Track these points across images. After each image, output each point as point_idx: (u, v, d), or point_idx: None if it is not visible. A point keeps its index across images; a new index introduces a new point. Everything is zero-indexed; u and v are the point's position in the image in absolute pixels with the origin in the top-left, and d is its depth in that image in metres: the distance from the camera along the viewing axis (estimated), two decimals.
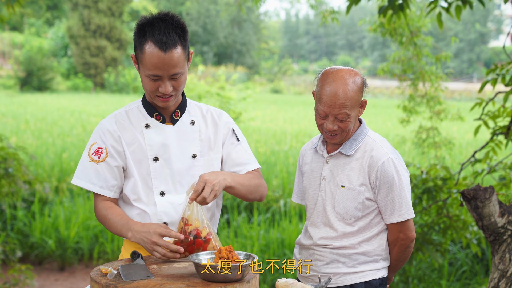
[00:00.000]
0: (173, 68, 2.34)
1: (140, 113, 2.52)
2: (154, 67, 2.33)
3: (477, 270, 6.03)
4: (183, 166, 2.49)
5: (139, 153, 2.48)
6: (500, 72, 4.21)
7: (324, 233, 2.57)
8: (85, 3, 33.71)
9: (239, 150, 2.58)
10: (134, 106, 2.56)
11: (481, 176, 4.72)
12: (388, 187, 2.49)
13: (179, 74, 2.37)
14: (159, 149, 2.48)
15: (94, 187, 2.47)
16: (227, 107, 15.05)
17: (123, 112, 2.55)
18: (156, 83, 2.37)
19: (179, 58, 2.34)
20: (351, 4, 4.48)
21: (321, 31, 60.90)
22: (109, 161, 2.46)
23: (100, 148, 2.47)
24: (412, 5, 5.97)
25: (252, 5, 6.44)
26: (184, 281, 2.11)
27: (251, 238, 6.49)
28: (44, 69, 29.83)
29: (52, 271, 6.77)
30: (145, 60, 2.34)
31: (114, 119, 2.52)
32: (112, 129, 2.49)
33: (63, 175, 8.57)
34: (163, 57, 2.31)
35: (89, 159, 2.47)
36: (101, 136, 2.49)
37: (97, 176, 2.46)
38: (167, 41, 2.31)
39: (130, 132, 2.49)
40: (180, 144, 2.50)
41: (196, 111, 2.59)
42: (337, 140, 2.52)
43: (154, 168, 2.47)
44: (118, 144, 2.48)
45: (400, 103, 8.98)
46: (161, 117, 2.51)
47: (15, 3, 5.53)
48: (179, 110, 2.53)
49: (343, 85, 2.43)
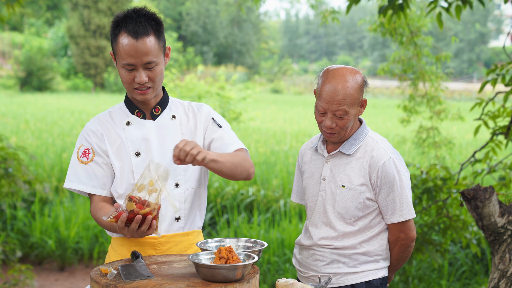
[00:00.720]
0: (146, 55, 2.37)
1: (122, 112, 2.57)
2: (127, 55, 2.37)
3: (477, 270, 6.03)
4: (164, 161, 2.51)
5: (121, 150, 2.51)
6: (500, 72, 4.21)
7: (324, 233, 2.57)
8: (85, 3, 33.72)
9: (221, 134, 2.58)
10: (117, 107, 2.60)
11: (481, 176, 4.72)
12: (389, 187, 2.49)
13: (153, 63, 2.40)
14: (140, 144, 2.51)
15: (86, 188, 2.49)
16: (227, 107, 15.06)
17: (106, 113, 2.59)
18: (132, 74, 2.41)
19: (152, 46, 2.38)
20: (351, 4, 4.48)
21: (321, 31, 60.90)
22: (97, 160, 2.50)
23: (86, 149, 2.52)
24: (412, 5, 5.97)
25: (252, 5, 6.44)
26: (184, 281, 2.11)
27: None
28: (44, 69, 29.84)
29: (52, 271, 6.77)
30: (119, 50, 2.39)
31: (97, 120, 2.57)
32: (95, 129, 2.53)
33: (63, 175, 8.57)
34: (135, 44, 2.36)
35: (79, 162, 2.51)
36: (86, 138, 2.54)
37: (88, 177, 2.49)
38: (138, 29, 2.37)
39: (113, 130, 2.53)
40: (161, 138, 2.53)
41: (178, 107, 2.62)
42: (336, 138, 2.52)
43: (136, 163, 2.50)
44: (102, 142, 2.52)
45: (400, 103, 8.98)
46: (141, 114, 2.54)
47: (15, 3, 5.53)
48: (159, 106, 2.56)
49: (343, 81, 2.44)
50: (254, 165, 2.60)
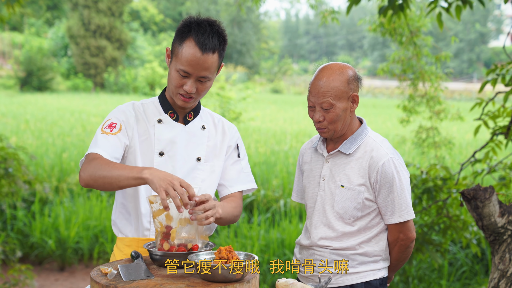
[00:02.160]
0: (204, 70, 2.39)
1: (155, 108, 2.56)
2: (187, 63, 2.37)
3: (477, 270, 6.03)
4: (186, 166, 2.52)
5: (147, 145, 2.50)
6: (500, 72, 4.21)
7: (323, 233, 2.57)
8: (85, 3, 33.73)
9: (236, 167, 2.63)
10: (149, 101, 2.59)
11: (481, 176, 4.72)
12: (388, 187, 2.49)
13: (206, 78, 2.42)
14: (167, 145, 2.51)
15: (99, 150, 2.38)
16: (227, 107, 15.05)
17: (139, 104, 2.58)
18: (183, 80, 2.41)
19: (212, 63, 2.40)
20: (351, 4, 4.48)
21: (321, 31, 60.90)
22: (120, 136, 2.46)
23: (114, 123, 2.48)
24: (412, 5, 5.97)
25: (252, 5, 6.45)
26: (184, 281, 2.11)
27: (251, 238, 6.49)
28: (44, 69, 29.85)
29: (52, 271, 6.77)
30: (181, 55, 2.38)
31: (132, 106, 2.56)
32: (129, 113, 2.52)
33: (63, 175, 8.57)
34: (199, 57, 2.36)
35: (101, 132, 2.46)
36: (117, 115, 2.51)
37: (105, 144, 2.42)
38: (208, 43, 2.37)
39: (143, 123, 2.52)
40: (188, 144, 2.53)
41: (208, 118, 2.63)
42: (327, 134, 2.53)
43: (158, 162, 2.49)
44: (130, 129, 2.50)
45: (400, 103, 8.98)
46: (175, 115, 2.54)
47: (15, 3, 5.53)
48: (192, 112, 2.57)
49: (328, 74, 2.47)
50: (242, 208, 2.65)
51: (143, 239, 2.51)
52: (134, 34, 37.78)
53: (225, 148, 2.61)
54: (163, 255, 2.24)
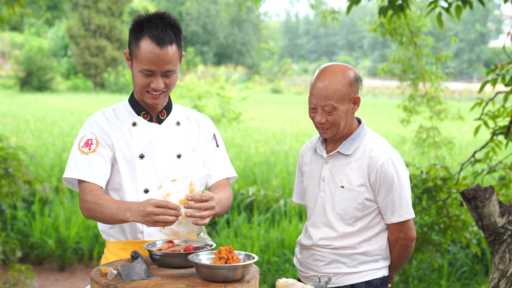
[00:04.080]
0: (167, 64, 2.39)
1: (127, 112, 2.55)
2: (149, 62, 2.37)
3: (477, 270, 6.03)
4: (168, 165, 2.52)
5: (125, 150, 2.50)
6: (500, 72, 4.21)
7: (324, 233, 2.57)
8: (85, 3, 33.72)
9: (217, 156, 2.64)
10: (120, 105, 2.58)
11: (481, 176, 4.72)
12: (387, 187, 2.49)
13: (171, 71, 2.42)
14: (146, 146, 2.50)
15: (85, 176, 2.40)
16: (227, 107, 15.06)
17: (110, 110, 2.57)
18: (149, 79, 2.41)
19: (173, 55, 2.39)
20: (352, 4, 4.48)
21: (321, 31, 60.89)
22: (100, 151, 2.45)
23: (89, 139, 2.47)
24: (412, 5, 5.97)
25: (252, 5, 6.44)
26: (184, 281, 2.11)
27: (251, 238, 6.49)
28: (44, 69, 29.84)
29: (52, 271, 6.77)
30: (140, 55, 2.38)
31: (102, 114, 2.54)
32: (101, 122, 2.50)
33: (63, 175, 8.57)
34: (159, 53, 2.36)
35: (80, 153, 2.44)
36: (90, 129, 2.49)
37: (89, 166, 2.41)
38: (164, 37, 2.36)
39: (118, 129, 2.51)
40: (166, 143, 2.53)
41: (181, 113, 2.63)
42: (329, 135, 2.53)
43: (140, 165, 2.49)
44: (107, 137, 2.49)
45: (400, 103, 8.98)
46: (148, 116, 2.54)
47: (15, 3, 5.53)
48: (165, 110, 2.57)
49: (330, 77, 2.46)
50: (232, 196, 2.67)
51: (138, 242, 2.50)
52: None
53: (203, 140, 2.62)
54: (163, 255, 2.24)
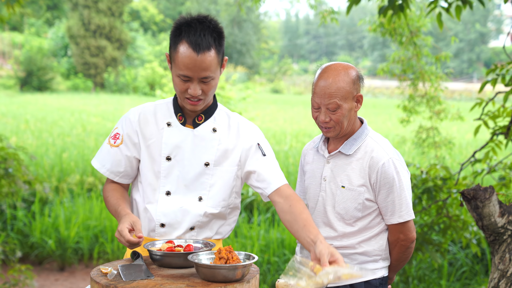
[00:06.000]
0: (204, 71, 2.32)
1: (167, 110, 2.53)
2: (185, 67, 2.32)
3: (477, 270, 6.03)
4: (194, 171, 2.47)
5: (154, 149, 2.49)
6: (500, 72, 4.21)
7: (324, 233, 2.57)
8: (85, 3, 33.73)
9: (265, 166, 2.48)
10: (164, 102, 2.56)
11: (481, 176, 4.72)
12: (388, 188, 2.49)
13: (209, 78, 2.35)
14: (173, 149, 2.47)
15: (102, 169, 2.54)
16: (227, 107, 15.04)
17: (152, 105, 2.56)
18: (186, 84, 2.36)
19: (211, 61, 2.32)
20: (352, 4, 4.48)
21: (321, 31, 60.90)
22: (122, 148, 2.51)
23: (118, 134, 2.54)
24: (412, 5, 5.97)
25: (252, 5, 6.44)
26: (184, 281, 2.11)
27: (251, 238, 6.49)
28: (44, 69, 29.85)
29: (52, 271, 6.77)
30: (178, 60, 2.33)
31: (139, 111, 2.55)
32: (133, 120, 2.52)
33: (63, 175, 8.57)
34: (195, 59, 2.30)
35: (107, 142, 2.55)
36: (122, 124, 2.55)
37: (108, 159, 2.53)
38: (201, 43, 2.30)
39: (151, 127, 2.51)
40: (195, 149, 2.48)
41: (223, 119, 2.54)
42: (332, 134, 2.52)
43: (165, 167, 2.47)
44: (135, 135, 2.51)
45: (400, 103, 8.98)
46: (183, 118, 2.50)
47: (15, 3, 5.53)
48: (203, 114, 2.50)
49: (334, 75, 2.45)
50: None
51: (149, 239, 2.51)
52: (134, 34, 37.79)
53: (239, 151, 2.50)
54: (163, 255, 2.24)
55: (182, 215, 2.47)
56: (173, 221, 2.47)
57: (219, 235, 2.57)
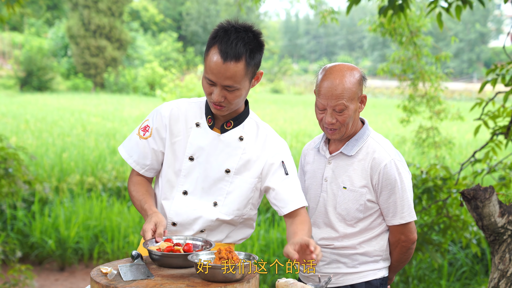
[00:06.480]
0: (227, 79, 2.31)
1: (199, 110, 2.53)
2: (211, 71, 2.32)
3: (477, 270, 6.03)
4: (213, 176, 2.46)
5: (179, 147, 2.50)
6: (500, 72, 4.21)
7: (325, 233, 2.57)
8: (85, 3, 33.71)
9: (285, 185, 2.45)
10: (198, 101, 2.56)
11: (481, 176, 4.72)
12: (390, 189, 2.49)
13: (233, 88, 2.33)
14: (197, 150, 2.47)
15: (129, 159, 2.57)
16: None
17: (185, 103, 2.56)
18: (211, 88, 2.36)
19: (236, 72, 2.30)
20: (352, 4, 4.48)
21: (321, 31, 60.90)
22: (150, 141, 2.53)
23: (148, 126, 2.55)
24: (412, 5, 5.97)
25: (252, 5, 6.44)
26: (184, 281, 2.11)
27: (251, 238, 6.49)
28: (44, 69, 29.83)
29: (52, 271, 6.77)
30: (207, 63, 2.34)
31: (171, 106, 2.54)
32: (164, 115, 2.53)
33: (63, 175, 8.57)
34: (221, 66, 2.29)
35: (137, 132, 2.57)
36: (154, 117, 2.56)
37: (136, 150, 2.55)
38: (230, 51, 2.29)
39: (180, 124, 2.51)
40: (219, 154, 2.47)
41: (251, 129, 2.51)
42: (337, 135, 2.52)
43: (186, 166, 2.48)
44: (164, 130, 2.52)
45: (400, 103, 8.98)
46: (212, 121, 2.49)
47: (15, 3, 5.53)
48: (232, 121, 2.48)
49: (340, 76, 2.44)
50: None
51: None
52: (134, 34, 37.77)
53: (262, 164, 2.46)
54: (163, 255, 2.24)
55: (194, 218, 2.48)
56: (184, 222, 2.48)
57: (230, 239, 2.55)
